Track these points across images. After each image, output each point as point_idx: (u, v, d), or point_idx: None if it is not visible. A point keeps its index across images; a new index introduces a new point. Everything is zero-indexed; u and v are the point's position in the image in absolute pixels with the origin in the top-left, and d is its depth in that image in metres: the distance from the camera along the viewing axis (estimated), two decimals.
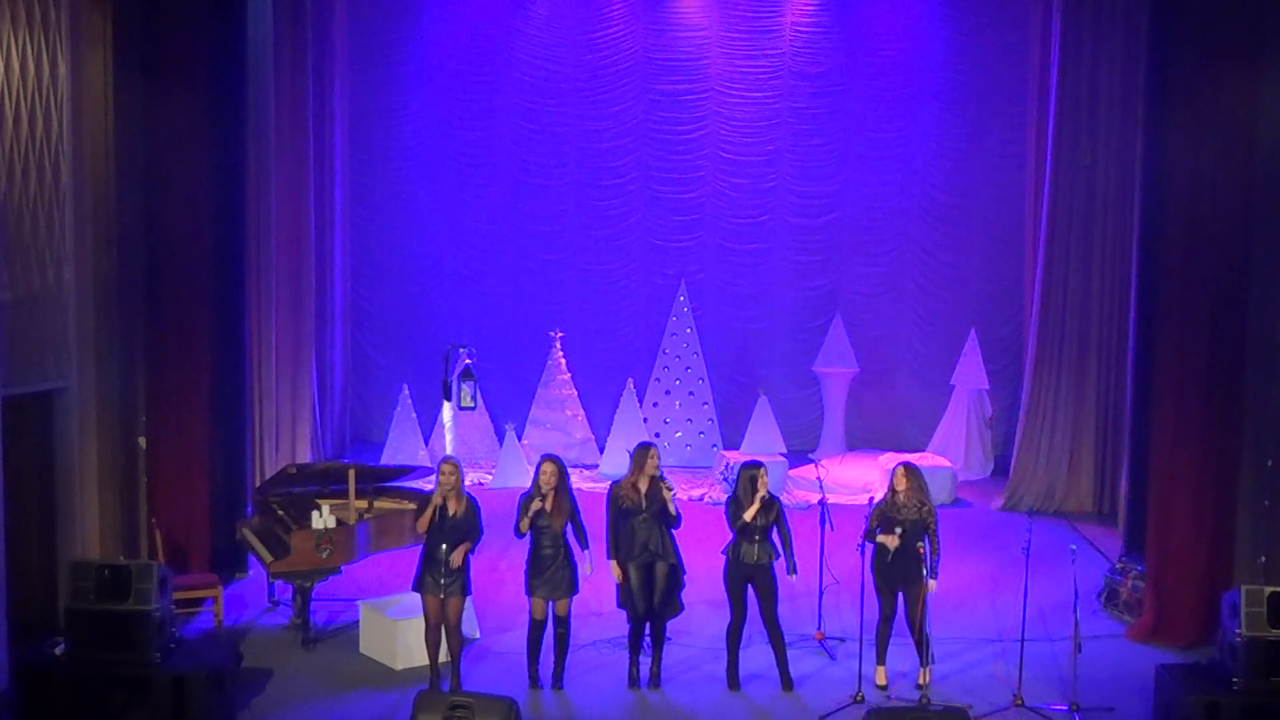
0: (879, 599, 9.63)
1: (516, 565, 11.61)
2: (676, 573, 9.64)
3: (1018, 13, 16.68)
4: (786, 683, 9.65)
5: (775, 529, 9.53)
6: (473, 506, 9.42)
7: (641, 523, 9.49)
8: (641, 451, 9.62)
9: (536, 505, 9.37)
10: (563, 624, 9.61)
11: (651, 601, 9.58)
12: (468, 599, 9.75)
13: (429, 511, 9.25)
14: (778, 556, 9.61)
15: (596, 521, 9.73)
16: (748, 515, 9.41)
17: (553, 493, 9.43)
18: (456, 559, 9.25)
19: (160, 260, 11.45)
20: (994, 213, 17.57)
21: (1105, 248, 14.90)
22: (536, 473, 9.49)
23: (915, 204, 17.91)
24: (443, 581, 9.28)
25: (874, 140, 17.86)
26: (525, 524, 9.37)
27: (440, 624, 9.42)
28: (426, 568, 9.34)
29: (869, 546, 9.63)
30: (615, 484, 9.66)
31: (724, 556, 9.67)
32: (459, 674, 9.45)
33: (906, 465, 9.67)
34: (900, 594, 9.56)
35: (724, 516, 9.67)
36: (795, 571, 9.53)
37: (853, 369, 17.50)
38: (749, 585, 9.57)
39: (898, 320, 18.13)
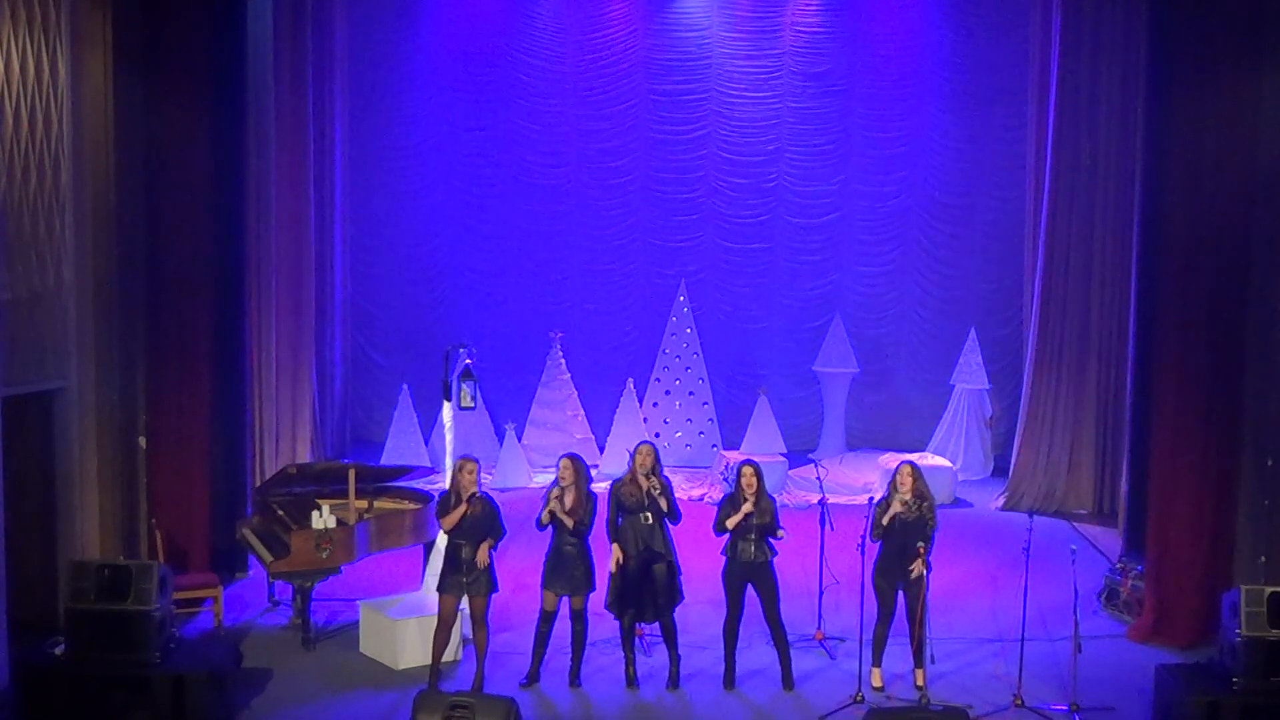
0: (878, 599, 9.63)
1: (517, 565, 11.63)
2: (674, 570, 9.64)
3: (1018, 13, 16.65)
4: (788, 682, 9.65)
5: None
6: (490, 506, 9.44)
7: (643, 521, 9.49)
8: (642, 450, 9.62)
9: (555, 502, 9.39)
10: (580, 619, 9.64)
11: (655, 601, 9.58)
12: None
13: (458, 512, 9.24)
14: (775, 554, 9.63)
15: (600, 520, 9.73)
16: (730, 523, 9.45)
17: (575, 490, 9.45)
18: (483, 558, 9.28)
19: (160, 260, 11.45)
20: (994, 213, 17.55)
21: (1105, 248, 14.89)
22: (558, 469, 9.50)
23: (915, 204, 17.88)
24: (466, 581, 9.29)
25: (874, 140, 17.84)
26: (547, 516, 9.40)
27: (451, 625, 9.46)
28: (450, 569, 9.35)
29: (869, 545, 9.63)
30: (616, 482, 9.66)
31: (723, 556, 9.68)
32: (483, 671, 9.45)
33: (910, 465, 9.67)
34: (901, 593, 9.56)
35: (716, 513, 9.67)
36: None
37: (853, 369, 17.49)
38: (749, 585, 9.58)
39: (898, 320, 18.11)
